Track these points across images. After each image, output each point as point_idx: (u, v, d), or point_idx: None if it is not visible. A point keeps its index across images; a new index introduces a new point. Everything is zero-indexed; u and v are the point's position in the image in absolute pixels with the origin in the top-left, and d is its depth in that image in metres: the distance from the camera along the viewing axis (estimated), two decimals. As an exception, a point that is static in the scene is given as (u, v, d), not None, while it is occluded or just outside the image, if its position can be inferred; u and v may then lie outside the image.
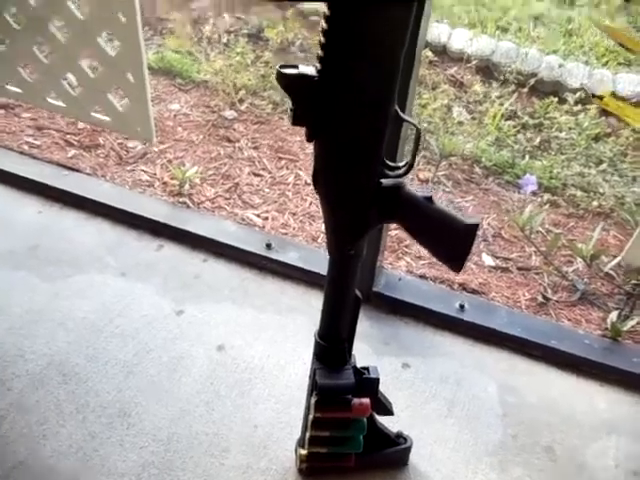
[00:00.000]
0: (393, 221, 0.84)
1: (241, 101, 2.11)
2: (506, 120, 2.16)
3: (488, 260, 1.64)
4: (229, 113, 2.04)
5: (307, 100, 0.73)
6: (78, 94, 1.28)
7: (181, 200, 1.66)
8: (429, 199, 0.81)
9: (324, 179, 0.80)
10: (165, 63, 2.24)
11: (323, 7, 0.69)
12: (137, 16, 1.09)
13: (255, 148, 1.90)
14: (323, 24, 0.69)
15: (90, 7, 1.13)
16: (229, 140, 1.93)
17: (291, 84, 0.72)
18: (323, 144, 0.77)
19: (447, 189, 1.90)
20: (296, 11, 2.43)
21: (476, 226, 0.80)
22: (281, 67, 0.72)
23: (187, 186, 1.68)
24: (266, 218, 1.64)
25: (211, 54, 2.34)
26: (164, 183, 1.71)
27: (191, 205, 1.65)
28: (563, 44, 2.51)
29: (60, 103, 1.30)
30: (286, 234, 1.60)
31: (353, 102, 0.72)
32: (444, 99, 2.13)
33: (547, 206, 1.80)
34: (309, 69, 0.72)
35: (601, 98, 1.05)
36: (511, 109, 2.16)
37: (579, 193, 1.87)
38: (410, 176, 1.91)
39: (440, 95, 2.19)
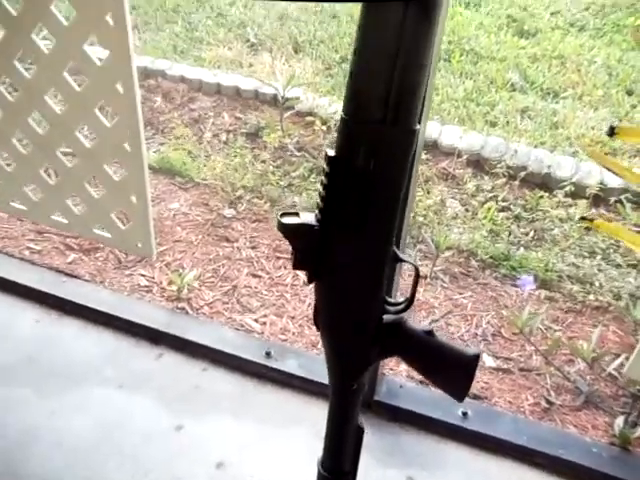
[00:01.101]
0: (395, 356, 0.84)
1: (239, 199, 2.15)
2: (499, 212, 2.20)
3: (489, 361, 1.62)
4: (228, 212, 2.08)
5: (307, 247, 0.74)
6: (81, 213, 1.31)
7: (180, 306, 1.66)
8: (430, 333, 0.82)
9: (325, 317, 0.81)
10: (165, 163, 2.30)
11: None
12: (142, 145, 1.14)
13: (253, 248, 1.93)
14: (323, 179, 0.71)
15: (98, 137, 1.18)
16: (228, 240, 1.96)
17: (292, 233, 0.74)
18: (324, 285, 0.78)
19: (445, 284, 1.91)
20: (292, 112, 2.53)
21: (477, 357, 0.81)
22: (282, 216, 0.74)
23: (185, 290, 1.69)
24: (264, 323, 1.63)
25: (211, 153, 2.42)
26: (162, 288, 1.72)
27: (190, 311, 1.65)
28: (550, 136, 2.60)
29: (63, 220, 1.33)
30: (285, 340, 1.59)
31: (353, 248, 0.73)
32: (437, 195, 2.18)
33: (545, 306, 1.81)
34: (309, 217, 0.74)
35: (592, 220, 1.08)
36: (504, 204, 2.21)
37: (575, 287, 1.88)
38: (407, 273, 1.93)
39: (433, 189, 2.25)
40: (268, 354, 1.48)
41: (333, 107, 2.51)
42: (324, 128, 2.42)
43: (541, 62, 3.22)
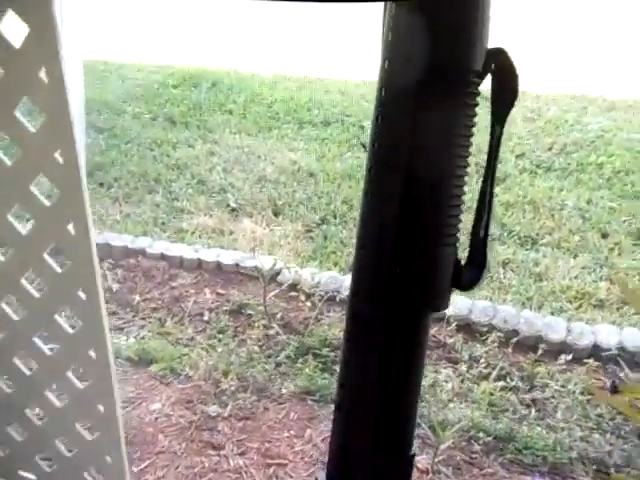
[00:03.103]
0: None
1: (224, 392, 2.05)
2: (495, 381, 2.12)
3: None
4: (213, 409, 1.97)
5: None
6: (52, 470, 1.21)
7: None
8: None
9: None
10: (145, 352, 2.22)
11: None
12: (117, 410, 1.07)
13: (241, 454, 1.80)
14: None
15: (69, 397, 1.11)
16: (213, 447, 1.83)
17: None
18: None
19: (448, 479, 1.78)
20: (275, 285, 2.50)
21: None
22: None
23: (169, 520, 1.54)
24: None
25: (193, 335, 2.35)
26: (144, 518, 1.57)
27: None
28: (535, 290, 2.59)
29: (32, 476, 1.23)
30: None
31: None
32: (432, 371, 2.11)
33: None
34: None
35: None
36: (500, 374, 2.13)
37: (590, 474, 1.76)
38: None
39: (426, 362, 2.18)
40: None
41: (316, 279, 2.50)
42: (309, 304, 2.39)
43: (515, 208, 3.30)
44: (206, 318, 2.45)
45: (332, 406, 0.62)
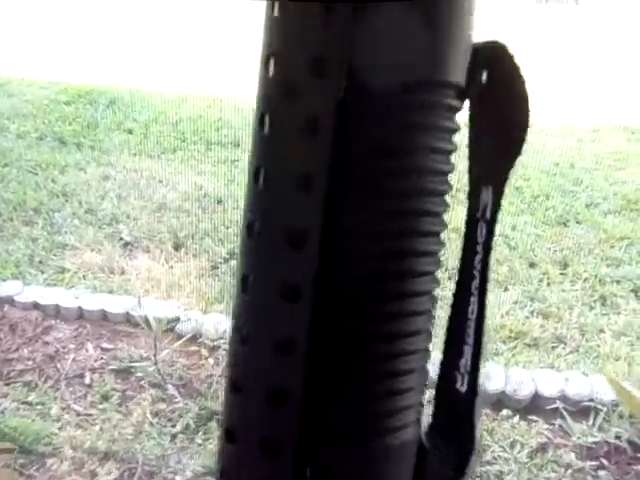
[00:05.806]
0: None
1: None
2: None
3: None
4: (87, 508, 1.55)
5: None
6: None
7: None
8: None
9: None
10: (2, 434, 1.76)
11: None
12: None
13: None
14: None
15: None
16: None
17: None
18: None
19: None
20: (178, 343, 2.11)
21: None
22: None
23: None
24: None
25: (70, 403, 1.91)
26: None
27: None
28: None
29: None
30: None
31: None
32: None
33: None
34: None
35: None
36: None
37: None
38: None
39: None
40: None
41: (221, 328, 2.13)
42: (212, 360, 2.02)
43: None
44: (87, 381, 2.01)
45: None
